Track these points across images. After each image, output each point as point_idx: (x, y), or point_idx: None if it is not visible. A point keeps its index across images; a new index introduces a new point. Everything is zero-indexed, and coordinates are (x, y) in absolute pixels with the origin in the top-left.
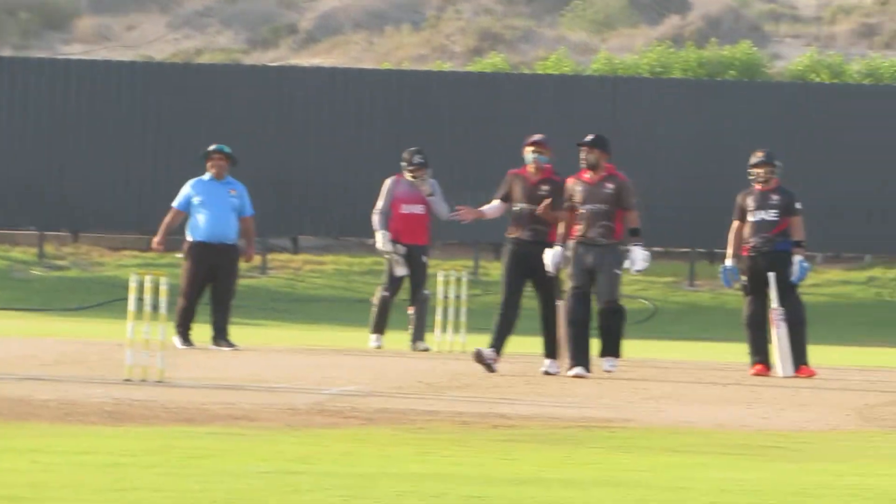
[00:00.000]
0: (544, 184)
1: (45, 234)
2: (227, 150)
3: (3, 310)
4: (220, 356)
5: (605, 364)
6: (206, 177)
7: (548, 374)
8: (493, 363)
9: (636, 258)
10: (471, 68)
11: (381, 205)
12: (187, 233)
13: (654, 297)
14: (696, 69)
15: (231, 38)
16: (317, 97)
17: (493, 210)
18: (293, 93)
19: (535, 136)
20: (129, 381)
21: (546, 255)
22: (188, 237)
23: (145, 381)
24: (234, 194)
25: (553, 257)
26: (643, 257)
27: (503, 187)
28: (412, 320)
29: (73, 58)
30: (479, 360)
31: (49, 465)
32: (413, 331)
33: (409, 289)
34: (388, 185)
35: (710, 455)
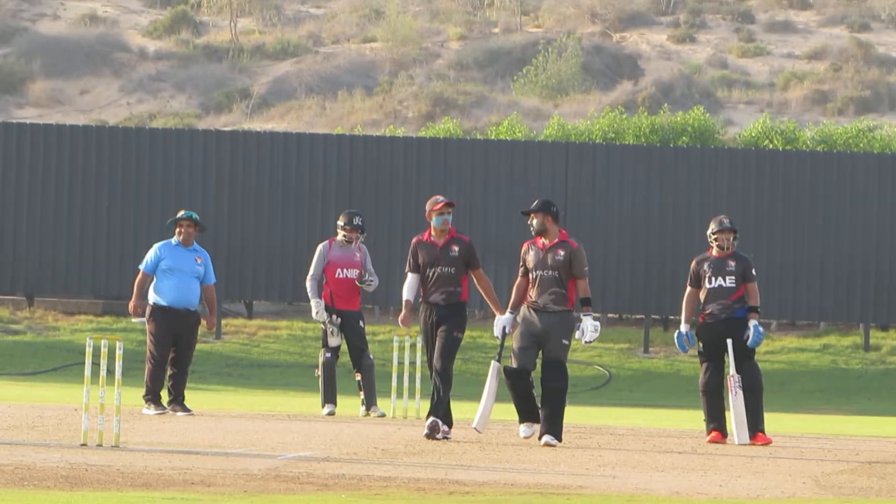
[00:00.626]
0: (454, 244)
1: (1, 298)
2: (195, 217)
3: None
4: (175, 421)
5: (547, 438)
6: (174, 241)
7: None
8: (447, 434)
9: (587, 328)
10: (423, 133)
11: (314, 271)
12: (151, 296)
13: (609, 363)
14: (648, 135)
15: (184, 103)
16: (270, 162)
17: (414, 289)
18: (246, 157)
19: (444, 198)
20: (85, 445)
21: (497, 322)
22: (151, 301)
23: (101, 445)
24: (200, 262)
25: (502, 323)
26: (593, 327)
27: (411, 258)
28: (361, 386)
29: (27, 121)
30: (433, 437)
31: None
32: (364, 397)
33: (350, 355)
34: (321, 250)
35: None
